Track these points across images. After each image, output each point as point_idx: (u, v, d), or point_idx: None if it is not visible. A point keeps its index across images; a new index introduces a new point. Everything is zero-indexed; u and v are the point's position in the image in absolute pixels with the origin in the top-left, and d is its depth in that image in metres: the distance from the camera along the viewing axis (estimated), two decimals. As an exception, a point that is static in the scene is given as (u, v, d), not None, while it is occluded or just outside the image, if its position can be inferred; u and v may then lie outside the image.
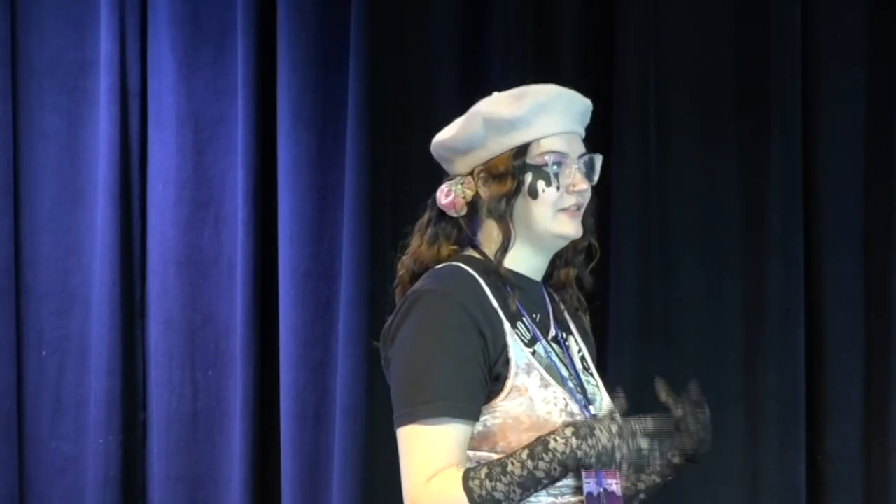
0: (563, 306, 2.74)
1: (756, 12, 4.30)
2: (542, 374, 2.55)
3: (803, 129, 4.28)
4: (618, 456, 2.44)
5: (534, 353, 2.58)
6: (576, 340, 2.74)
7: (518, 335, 2.57)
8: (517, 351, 2.54)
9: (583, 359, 2.72)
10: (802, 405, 4.25)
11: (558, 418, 2.53)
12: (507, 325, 2.55)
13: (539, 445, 2.44)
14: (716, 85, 4.32)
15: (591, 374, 2.71)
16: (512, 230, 2.60)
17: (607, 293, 4.25)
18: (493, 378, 2.51)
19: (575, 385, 2.61)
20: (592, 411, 2.61)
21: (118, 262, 4.42)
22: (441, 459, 2.46)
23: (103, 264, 4.42)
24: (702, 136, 4.33)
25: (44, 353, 4.47)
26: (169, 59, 4.43)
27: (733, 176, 4.31)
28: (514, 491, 2.43)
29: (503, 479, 2.43)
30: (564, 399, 2.56)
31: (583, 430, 2.45)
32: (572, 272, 2.74)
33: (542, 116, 2.60)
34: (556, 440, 2.45)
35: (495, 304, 2.55)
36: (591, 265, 2.74)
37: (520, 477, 2.43)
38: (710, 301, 4.29)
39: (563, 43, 4.33)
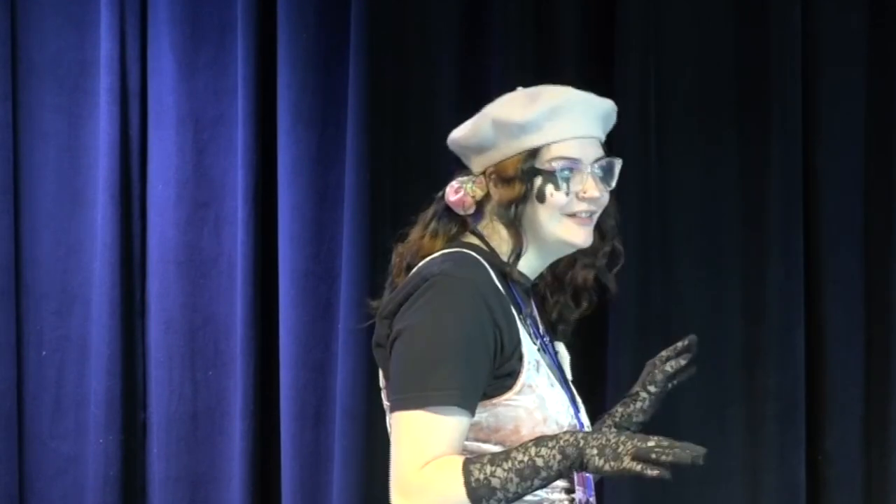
0: (548, 311, 2.69)
1: (756, 12, 4.29)
2: (548, 374, 2.53)
3: (803, 129, 4.28)
4: (620, 451, 2.33)
5: (539, 349, 2.55)
6: (564, 346, 2.71)
7: (526, 331, 2.53)
8: (528, 346, 2.51)
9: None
10: (802, 405, 4.25)
11: (564, 420, 2.51)
12: (518, 319, 2.51)
13: (547, 437, 2.39)
14: (716, 84, 4.32)
15: (571, 385, 2.67)
16: (524, 237, 2.55)
17: (607, 293, 4.24)
18: (505, 373, 2.46)
19: (567, 390, 2.58)
20: (582, 419, 2.59)
21: (118, 262, 4.42)
22: (442, 447, 2.40)
23: (103, 264, 4.42)
24: (702, 135, 4.33)
25: (44, 353, 4.47)
26: (169, 59, 4.43)
27: (733, 176, 4.31)
28: (511, 480, 2.36)
29: (504, 464, 2.36)
30: (566, 400, 2.54)
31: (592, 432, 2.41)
32: (590, 274, 2.68)
33: (555, 121, 2.54)
34: (565, 433, 2.39)
35: (506, 296, 2.51)
36: (616, 269, 2.70)
37: (520, 463, 2.36)
38: (710, 301, 4.29)
39: (563, 43, 4.32)
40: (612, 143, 4.26)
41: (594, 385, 4.18)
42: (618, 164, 2.62)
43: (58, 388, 4.47)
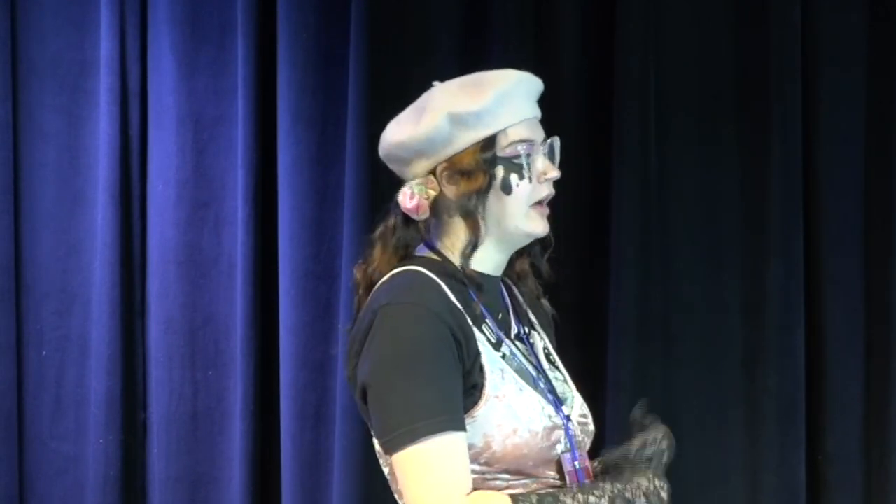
0: (521, 298, 2.68)
1: (756, 12, 4.29)
2: (516, 379, 2.49)
3: (803, 129, 4.28)
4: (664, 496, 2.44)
5: (503, 356, 2.51)
6: (539, 335, 2.68)
7: (486, 339, 2.50)
8: (489, 356, 2.48)
9: (548, 354, 2.66)
10: (802, 405, 4.25)
11: (538, 425, 2.48)
12: (475, 330, 2.48)
13: (590, 486, 2.42)
14: (716, 85, 4.32)
15: (558, 369, 2.65)
16: (483, 227, 2.51)
17: (607, 294, 4.25)
18: (469, 386, 2.43)
19: (545, 384, 2.55)
20: (565, 412, 2.55)
21: (118, 262, 4.42)
22: (463, 472, 2.38)
23: (103, 264, 4.42)
24: (702, 136, 4.33)
25: (44, 352, 4.47)
26: (169, 59, 4.43)
27: (733, 176, 4.31)
28: None
29: None
30: (540, 402, 2.50)
31: (625, 475, 2.44)
32: (526, 263, 2.66)
33: (507, 105, 2.52)
34: (605, 481, 2.43)
35: (461, 308, 2.47)
36: (547, 254, 2.67)
37: None
38: (710, 302, 4.29)
39: (564, 43, 4.32)
40: (613, 143, 4.29)
41: (594, 386, 4.18)
42: (557, 143, 2.58)
43: (58, 388, 4.47)
